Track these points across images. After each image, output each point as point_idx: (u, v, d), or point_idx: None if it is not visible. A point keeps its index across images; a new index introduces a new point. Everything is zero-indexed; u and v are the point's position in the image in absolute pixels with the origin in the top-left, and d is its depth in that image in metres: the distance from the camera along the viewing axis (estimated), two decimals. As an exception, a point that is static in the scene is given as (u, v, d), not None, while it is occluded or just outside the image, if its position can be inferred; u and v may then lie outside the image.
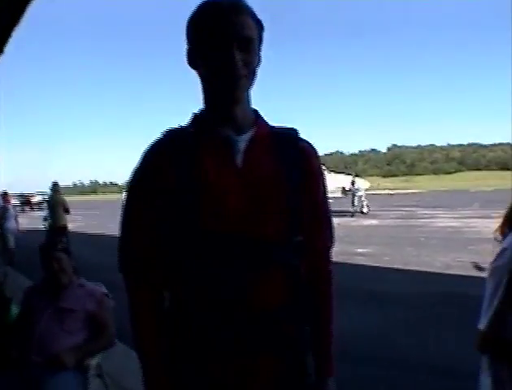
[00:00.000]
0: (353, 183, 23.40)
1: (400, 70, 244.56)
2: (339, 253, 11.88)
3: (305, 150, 1.47)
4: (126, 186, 1.49)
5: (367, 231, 17.18)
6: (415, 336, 5.56)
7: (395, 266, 9.98)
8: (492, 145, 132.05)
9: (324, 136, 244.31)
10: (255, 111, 1.47)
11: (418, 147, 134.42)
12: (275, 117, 1.50)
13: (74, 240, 11.80)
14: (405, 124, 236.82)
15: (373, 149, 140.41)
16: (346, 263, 10.78)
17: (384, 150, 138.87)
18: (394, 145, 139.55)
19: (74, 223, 16.82)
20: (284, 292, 1.36)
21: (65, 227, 11.53)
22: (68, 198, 14.45)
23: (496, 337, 1.68)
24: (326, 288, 1.55)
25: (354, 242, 14.02)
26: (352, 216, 22.47)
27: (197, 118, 1.44)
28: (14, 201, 27.00)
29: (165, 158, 1.36)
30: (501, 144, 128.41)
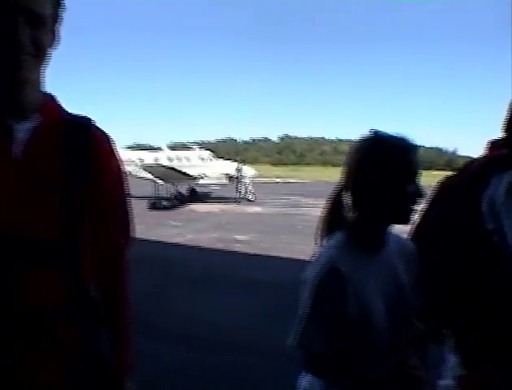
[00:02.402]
0: (238, 170, 23.57)
1: (300, 62, 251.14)
2: (218, 239, 12.15)
3: (95, 139, 1.37)
4: None
5: (249, 218, 17.37)
6: (278, 324, 5.60)
7: (270, 254, 10.19)
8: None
9: (217, 123, 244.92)
10: (49, 96, 1.35)
11: (309, 139, 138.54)
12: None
13: None
14: (298, 116, 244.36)
15: (265, 138, 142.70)
16: (223, 250, 10.95)
17: (275, 140, 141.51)
18: (286, 135, 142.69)
19: None
20: (62, 292, 1.28)
21: None
22: None
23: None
24: (116, 287, 1.45)
25: (235, 229, 14.18)
26: (237, 203, 22.64)
27: None
28: None
29: None
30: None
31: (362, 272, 1.56)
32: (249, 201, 23.40)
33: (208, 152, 26.28)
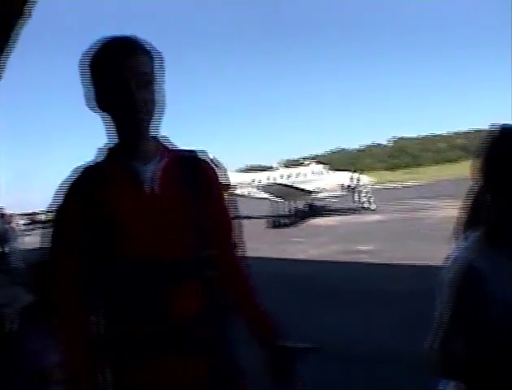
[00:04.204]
0: (353, 179, 23.43)
1: (395, 64, 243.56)
2: (341, 252, 12.06)
3: (205, 170, 1.63)
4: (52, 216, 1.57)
5: (370, 227, 17.15)
6: (412, 334, 5.47)
7: (396, 262, 9.89)
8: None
9: (327, 134, 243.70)
10: (162, 138, 1.61)
11: (420, 137, 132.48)
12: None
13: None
14: (404, 115, 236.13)
15: (376, 143, 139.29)
16: (348, 262, 10.84)
17: (385, 143, 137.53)
18: (396, 137, 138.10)
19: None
20: (200, 300, 1.52)
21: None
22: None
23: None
24: (241, 281, 1.70)
25: (356, 240, 14.05)
26: (356, 213, 22.47)
27: (110, 152, 1.56)
28: (21, 221, 26.89)
29: (83, 190, 1.48)
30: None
31: (505, 272, 1.46)
32: (368, 209, 23.13)
33: (321, 165, 26.29)
